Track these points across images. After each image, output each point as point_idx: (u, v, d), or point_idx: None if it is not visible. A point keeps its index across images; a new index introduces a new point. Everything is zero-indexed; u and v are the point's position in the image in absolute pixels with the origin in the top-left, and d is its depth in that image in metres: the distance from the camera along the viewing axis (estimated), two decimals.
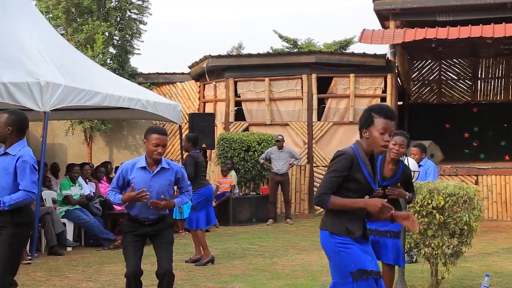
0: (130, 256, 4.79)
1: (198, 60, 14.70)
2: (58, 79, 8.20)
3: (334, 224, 3.61)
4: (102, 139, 15.98)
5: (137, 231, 4.86)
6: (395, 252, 5.15)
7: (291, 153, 12.12)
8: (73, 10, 15.69)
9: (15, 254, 4.54)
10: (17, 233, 4.48)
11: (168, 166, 4.91)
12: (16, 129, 4.53)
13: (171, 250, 4.91)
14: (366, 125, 3.66)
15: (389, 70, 13.59)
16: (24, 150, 4.54)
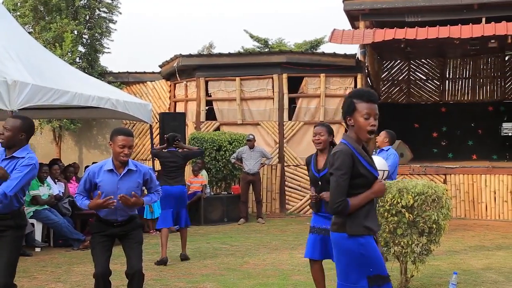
0: (98, 256, 4.76)
1: (168, 60, 14.64)
2: (26, 78, 8.07)
3: (352, 225, 3.50)
4: (71, 139, 15.81)
5: (106, 231, 4.84)
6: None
7: (262, 153, 12.16)
8: (41, 8, 15.44)
9: (17, 255, 4.68)
10: (19, 235, 4.66)
11: (135, 168, 4.86)
12: (27, 136, 4.67)
13: (141, 250, 4.93)
14: (349, 112, 3.58)
15: (359, 70, 13.71)
16: (32, 154, 4.63)
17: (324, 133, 5.31)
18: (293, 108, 14.02)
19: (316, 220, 5.30)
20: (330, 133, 5.39)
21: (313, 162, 5.34)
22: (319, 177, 5.19)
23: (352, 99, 3.60)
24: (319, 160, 5.31)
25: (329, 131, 5.37)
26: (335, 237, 3.59)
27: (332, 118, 13.79)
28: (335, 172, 3.50)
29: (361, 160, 3.53)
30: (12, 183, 4.46)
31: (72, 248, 8.76)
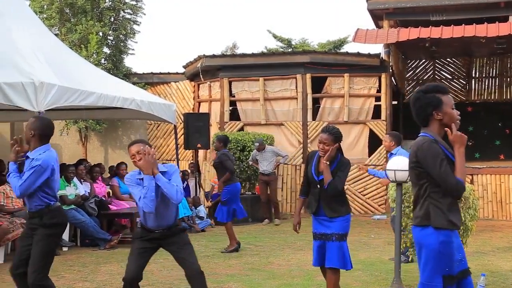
0: (131, 262, 4.77)
1: (192, 60, 14.69)
2: (52, 79, 8.17)
3: (437, 218, 3.49)
4: (97, 139, 15.95)
5: (147, 237, 4.84)
6: (341, 256, 5.12)
7: (275, 152, 12.17)
8: (67, 10, 15.64)
9: (48, 253, 4.78)
10: (49, 233, 4.76)
11: (166, 169, 4.83)
12: (38, 134, 4.76)
13: (192, 250, 4.84)
14: (438, 106, 3.60)
15: (384, 70, 13.62)
16: (44, 154, 4.72)
17: (330, 142, 5.11)
18: (317, 108, 13.98)
19: (315, 225, 5.26)
20: (336, 141, 5.16)
21: (315, 164, 5.22)
22: (318, 181, 5.15)
23: (435, 93, 3.63)
24: (321, 162, 5.18)
25: (335, 139, 5.15)
26: (416, 232, 3.59)
27: (356, 118, 13.72)
28: (436, 162, 3.47)
29: (444, 150, 3.55)
30: (18, 184, 4.68)
31: (99, 247, 8.85)
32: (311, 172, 5.19)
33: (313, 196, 5.20)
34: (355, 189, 13.55)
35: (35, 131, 4.77)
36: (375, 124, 13.64)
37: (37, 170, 4.67)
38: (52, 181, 4.86)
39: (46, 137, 4.84)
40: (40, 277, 4.72)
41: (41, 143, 4.78)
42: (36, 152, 4.74)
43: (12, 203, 8.44)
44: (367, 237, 10.13)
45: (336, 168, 5.13)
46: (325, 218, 5.11)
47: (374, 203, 13.52)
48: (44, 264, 4.75)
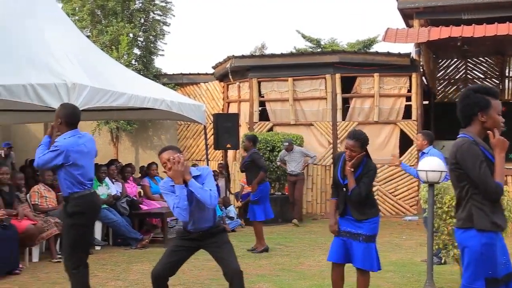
0: (163, 258, 4.79)
1: (221, 61, 14.74)
2: (84, 81, 8.28)
3: (480, 220, 3.44)
4: (128, 140, 16.12)
5: (186, 237, 4.84)
6: (368, 257, 5.01)
7: (303, 153, 12.17)
8: (98, 12, 15.85)
9: (73, 242, 4.90)
10: (72, 223, 4.91)
11: (199, 172, 4.80)
12: (64, 121, 4.97)
13: (231, 249, 4.81)
14: (485, 108, 3.55)
15: (414, 69, 13.48)
16: (67, 139, 4.91)
17: (357, 149, 4.97)
18: (347, 108, 13.90)
19: (341, 223, 5.15)
20: (363, 146, 5.02)
21: (341, 166, 5.11)
22: (343, 184, 5.07)
23: (485, 95, 3.58)
24: (347, 165, 5.06)
25: (362, 144, 5.01)
26: (459, 234, 3.54)
27: (386, 118, 13.61)
28: (472, 165, 3.44)
29: (484, 151, 3.51)
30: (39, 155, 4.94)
31: (130, 247, 8.93)
32: (337, 175, 5.14)
33: (340, 198, 5.13)
34: (386, 189, 13.44)
35: (62, 118, 4.98)
36: (405, 124, 13.50)
37: (54, 151, 4.89)
38: (74, 167, 4.92)
39: (72, 124, 5.02)
40: (69, 264, 4.89)
41: (68, 129, 4.98)
42: (61, 138, 4.94)
43: (47, 203, 8.57)
44: (399, 238, 10.04)
45: (362, 173, 5.02)
46: (353, 218, 5.04)
47: (406, 204, 13.39)
48: (71, 253, 4.89)
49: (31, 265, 7.56)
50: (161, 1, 16.46)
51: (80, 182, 4.97)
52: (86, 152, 5.05)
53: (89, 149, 5.11)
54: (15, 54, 8.37)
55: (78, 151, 4.96)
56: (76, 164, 4.94)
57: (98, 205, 5.31)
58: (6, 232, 6.91)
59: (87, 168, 5.06)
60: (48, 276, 6.99)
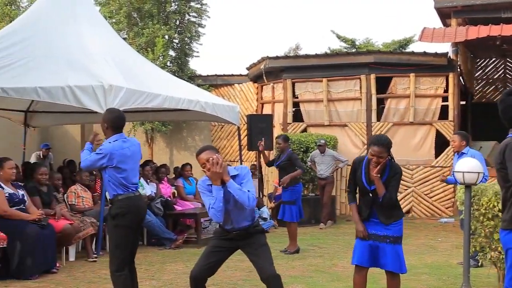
0: (201, 259, 4.78)
1: (255, 62, 14.77)
2: (121, 82, 8.40)
3: None
4: (162, 140, 16.27)
5: (224, 237, 4.81)
6: (396, 259, 4.89)
7: (334, 157, 11.98)
8: (134, 14, 16.04)
9: (116, 244, 5.00)
10: (115, 224, 5.01)
11: (237, 172, 4.75)
12: (110, 125, 5.09)
13: (267, 252, 4.73)
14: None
15: (451, 69, 13.28)
16: (112, 143, 5.03)
17: (383, 154, 4.82)
18: (381, 109, 13.78)
19: (366, 226, 4.98)
20: (389, 150, 4.89)
21: (365, 172, 4.95)
22: (370, 190, 4.91)
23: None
24: (371, 170, 4.91)
25: (388, 149, 4.87)
26: (503, 235, 3.52)
27: (422, 118, 13.45)
28: None
29: None
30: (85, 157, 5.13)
31: (164, 247, 9.01)
32: (362, 181, 4.97)
33: (365, 203, 4.98)
34: (421, 191, 13.27)
35: (108, 123, 5.10)
36: (442, 125, 13.32)
37: (98, 154, 5.02)
38: (118, 170, 4.99)
39: (117, 128, 5.12)
40: (111, 266, 4.98)
41: (113, 133, 5.09)
42: (106, 142, 5.09)
43: (83, 203, 8.71)
44: (434, 240, 9.91)
45: (389, 177, 4.89)
46: (378, 221, 4.92)
47: (441, 205, 13.20)
48: (114, 254, 4.97)
49: (67, 264, 7.69)
50: (196, 3, 16.56)
51: (123, 185, 5.04)
52: (130, 156, 5.11)
53: (133, 153, 5.16)
54: (54, 56, 8.55)
55: (122, 154, 5.03)
56: (119, 167, 5.01)
57: (143, 208, 5.32)
58: (44, 231, 7.03)
59: (130, 171, 5.11)
60: (84, 275, 7.10)
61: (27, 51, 8.54)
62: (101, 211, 8.30)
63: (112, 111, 5.24)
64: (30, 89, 7.95)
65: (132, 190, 5.09)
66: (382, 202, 4.86)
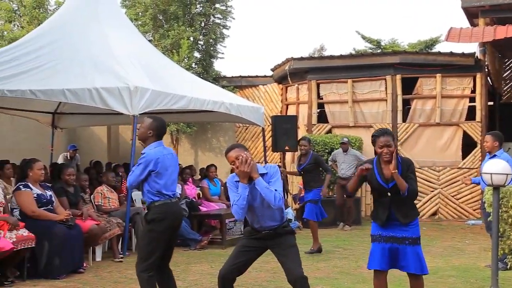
0: (230, 258, 4.79)
1: (280, 63, 14.76)
2: (146, 84, 8.47)
3: None
4: (187, 142, 16.35)
5: (253, 236, 4.81)
6: (417, 260, 4.81)
7: (356, 157, 11.74)
8: (160, 16, 16.16)
9: (147, 246, 5.00)
10: (149, 228, 5.03)
11: (266, 170, 4.74)
12: (155, 133, 5.12)
13: (296, 253, 4.71)
14: None
15: (479, 69, 13.12)
16: (154, 149, 5.06)
17: (393, 144, 4.81)
18: (407, 109, 13.67)
19: (384, 229, 4.89)
20: (393, 140, 4.88)
21: (377, 172, 4.86)
22: (389, 188, 4.81)
23: None
24: (385, 168, 4.84)
25: (393, 138, 4.87)
26: None
27: (449, 119, 13.31)
28: None
29: None
30: (129, 177, 5.11)
31: (189, 247, 9.05)
32: (378, 181, 4.86)
33: (382, 205, 4.89)
34: (448, 192, 13.14)
35: (154, 131, 5.10)
36: (469, 126, 13.16)
37: (142, 163, 4.99)
38: (158, 176, 5.01)
39: (160, 136, 5.17)
40: (138, 266, 5.00)
41: (155, 140, 5.12)
42: (148, 148, 5.08)
43: (109, 203, 8.79)
44: (462, 243, 9.79)
45: (404, 171, 4.82)
46: (398, 223, 4.83)
47: (469, 207, 13.05)
48: (143, 256, 4.97)
49: (94, 264, 7.78)
50: (221, 5, 16.61)
51: (161, 193, 5.05)
52: (169, 164, 5.15)
53: (172, 161, 5.21)
54: (80, 58, 8.66)
55: (163, 161, 5.08)
56: (160, 173, 5.04)
57: (179, 214, 5.31)
58: (71, 232, 7.12)
59: (169, 178, 5.13)
60: (110, 275, 7.17)
61: (54, 53, 8.67)
62: (127, 212, 8.38)
63: (157, 119, 5.21)
64: (58, 91, 8.06)
65: (170, 196, 5.11)
66: (408, 196, 4.78)
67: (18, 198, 7.08)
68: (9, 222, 6.60)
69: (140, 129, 5.16)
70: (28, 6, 16.89)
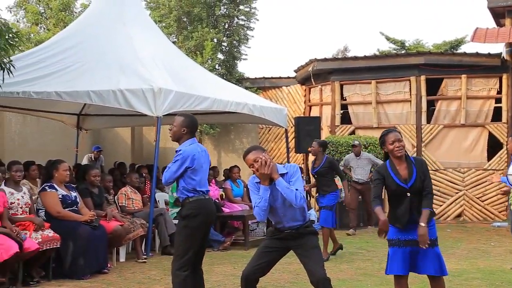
0: (253, 259, 4.78)
1: (303, 64, 14.73)
2: (170, 85, 8.52)
3: None
4: (210, 143, 16.39)
5: (276, 236, 4.79)
6: (437, 261, 4.74)
7: (370, 160, 11.41)
8: (184, 18, 16.24)
9: (184, 243, 5.09)
10: (184, 224, 5.12)
11: (286, 170, 4.72)
12: (189, 130, 5.21)
13: (318, 255, 4.70)
14: None
15: (505, 70, 12.95)
16: (189, 146, 5.14)
17: (402, 138, 4.80)
18: (432, 110, 13.55)
19: (403, 232, 4.80)
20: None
21: (393, 173, 4.78)
22: (408, 188, 4.73)
23: None
24: (400, 169, 4.78)
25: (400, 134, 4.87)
26: None
27: (474, 120, 13.16)
28: None
29: None
30: (165, 174, 5.17)
31: (212, 249, 9.06)
32: (396, 182, 4.77)
33: (401, 207, 4.78)
34: (473, 194, 12.99)
35: (187, 128, 5.19)
36: (494, 127, 13.00)
37: (178, 160, 5.08)
38: (193, 173, 5.11)
39: (193, 132, 5.28)
40: (174, 264, 5.06)
41: (189, 138, 5.21)
42: (183, 145, 5.17)
43: (133, 204, 8.86)
44: (487, 245, 9.67)
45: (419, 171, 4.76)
46: (415, 225, 4.71)
47: (494, 209, 12.89)
48: (179, 254, 5.05)
49: (118, 264, 7.84)
50: (245, 7, 16.64)
51: (195, 190, 5.15)
52: (204, 161, 5.26)
53: (206, 159, 5.32)
54: (105, 60, 8.76)
55: (199, 158, 5.17)
56: (196, 170, 5.14)
57: (212, 211, 5.36)
58: (95, 232, 7.18)
59: (204, 176, 5.25)
60: (134, 276, 7.22)
61: (80, 55, 8.78)
62: (150, 213, 8.43)
63: (188, 116, 5.31)
64: (83, 92, 8.17)
65: (204, 193, 5.21)
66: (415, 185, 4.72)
67: (43, 199, 7.18)
68: (34, 222, 6.70)
69: (173, 128, 5.21)
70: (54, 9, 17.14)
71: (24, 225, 6.65)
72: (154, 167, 8.71)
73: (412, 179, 4.72)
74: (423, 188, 4.73)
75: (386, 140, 4.79)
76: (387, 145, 4.79)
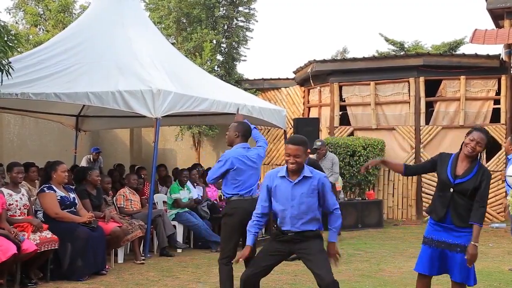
0: (254, 262, 4.76)
1: (302, 65, 14.74)
2: (169, 87, 8.52)
3: None
4: (209, 144, 16.40)
5: (279, 238, 4.73)
6: (465, 269, 4.63)
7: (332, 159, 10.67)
8: (183, 19, 16.25)
9: (223, 237, 5.57)
10: (224, 221, 5.58)
11: (311, 174, 4.64)
12: (241, 135, 5.63)
13: (324, 259, 4.63)
14: None
15: (504, 71, 12.96)
16: (232, 149, 5.58)
17: (483, 145, 4.65)
18: (431, 112, 13.55)
19: (433, 231, 4.77)
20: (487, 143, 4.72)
21: (450, 165, 4.73)
22: (453, 184, 4.65)
23: None
24: (459, 165, 4.72)
25: (487, 140, 4.71)
26: None
27: (473, 121, 13.16)
28: None
29: None
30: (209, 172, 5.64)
31: (211, 250, 9.07)
32: (447, 174, 4.70)
33: (441, 200, 4.72)
34: None
35: (240, 132, 5.63)
36: (493, 128, 13.00)
37: (221, 161, 5.51)
38: (236, 174, 5.46)
39: (245, 137, 5.66)
40: (219, 256, 5.52)
41: (241, 142, 5.61)
42: (232, 148, 5.59)
43: (131, 206, 8.86)
44: (485, 246, 9.66)
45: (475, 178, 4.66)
46: (452, 227, 4.67)
47: (493, 210, 12.89)
48: (222, 247, 5.56)
49: (116, 266, 7.83)
50: (244, 8, 16.65)
51: (235, 190, 5.49)
52: (248, 165, 5.53)
53: (252, 163, 5.58)
54: (104, 61, 8.76)
55: (241, 161, 5.49)
56: (237, 171, 5.47)
57: (248, 211, 5.26)
58: (94, 233, 7.17)
59: (246, 178, 5.52)
60: (132, 277, 7.22)
61: (79, 57, 8.78)
62: (149, 214, 8.44)
63: (242, 123, 5.72)
64: (82, 94, 8.17)
65: (244, 194, 5.49)
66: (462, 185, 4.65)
67: (42, 200, 7.17)
68: (33, 224, 6.69)
69: (228, 134, 5.67)
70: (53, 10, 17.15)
71: (22, 226, 6.64)
72: (153, 168, 8.72)
73: (463, 179, 4.64)
74: (474, 196, 4.60)
75: (469, 134, 4.73)
76: (466, 139, 4.74)
